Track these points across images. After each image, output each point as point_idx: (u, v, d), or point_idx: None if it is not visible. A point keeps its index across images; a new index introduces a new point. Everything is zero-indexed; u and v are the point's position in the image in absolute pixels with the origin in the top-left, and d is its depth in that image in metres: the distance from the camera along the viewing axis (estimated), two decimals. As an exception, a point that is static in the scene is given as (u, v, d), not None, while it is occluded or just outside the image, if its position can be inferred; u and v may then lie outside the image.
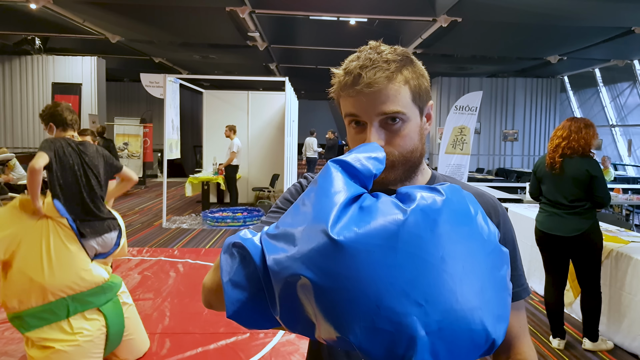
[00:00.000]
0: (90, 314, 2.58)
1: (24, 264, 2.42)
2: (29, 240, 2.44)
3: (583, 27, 7.39)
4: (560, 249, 3.18)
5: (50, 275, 2.44)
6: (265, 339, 3.28)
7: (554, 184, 3.16)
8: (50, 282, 2.44)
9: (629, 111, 11.05)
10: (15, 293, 2.42)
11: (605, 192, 3.01)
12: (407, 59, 0.80)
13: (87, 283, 2.56)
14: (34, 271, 2.42)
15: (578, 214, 3.07)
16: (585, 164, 3.03)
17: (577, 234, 3.05)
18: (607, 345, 3.22)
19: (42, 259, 2.43)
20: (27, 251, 2.43)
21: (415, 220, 0.57)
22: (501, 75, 13.04)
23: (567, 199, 3.10)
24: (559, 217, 3.14)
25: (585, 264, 3.11)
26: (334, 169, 0.64)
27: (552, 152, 3.16)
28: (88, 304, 2.57)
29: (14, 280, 2.42)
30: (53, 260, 2.46)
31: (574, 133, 3.08)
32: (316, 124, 16.72)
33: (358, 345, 0.56)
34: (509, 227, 0.90)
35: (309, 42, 9.47)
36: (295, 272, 0.58)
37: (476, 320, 0.57)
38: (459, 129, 8.41)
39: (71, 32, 8.96)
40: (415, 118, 0.80)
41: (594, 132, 3.10)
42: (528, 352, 0.89)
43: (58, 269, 2.47)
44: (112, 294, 2.72)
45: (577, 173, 3.04)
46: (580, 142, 3.05)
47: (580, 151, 3.06)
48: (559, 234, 3.12)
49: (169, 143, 7.74)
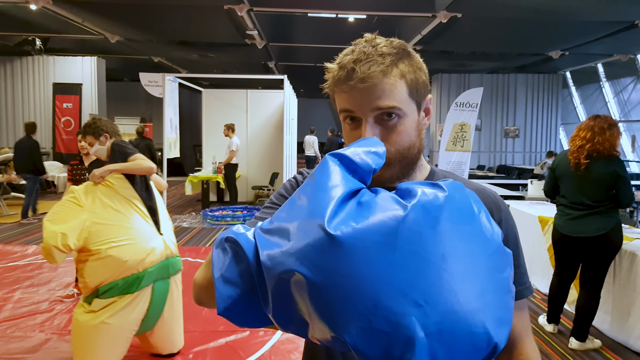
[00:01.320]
0: (147, 290, 2.62)
1: (97, 243, 2.44)
2: (97, 221, 2.46)
3: (585, 22, 7.34)
4: (578, 250, 3.14)
5: (125, 248, 2.49)
6: (264, 337, 3.26)
7: (576, 184, 3.09)
8: (128, 255, 2.48)
9: (633, 106, 10.99)
10: (92, 273, 2.46)
11: (631, 193, 2.96)
12: (403, 51, 0.77)
13: (160, 255, 2.64)
14: (109, 247, 2.45)
15: (601, 213, 3.01)
16: (614, 165, 2.96)
17: (601, 234, 2.99)
18: (594, 345, 3.18)
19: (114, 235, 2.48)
20: (98, 232, 2.45)
21: (415, 216, 0.55)
22: (502, 72, 12.98)
23: (590, 199, 3.03)
24: (582, 219, 3.07)
25: (596, 264, 3.06)
26: (332, 162, 0.62)
27: (577, 153, 3.07)
28: (154, 277, 2.62)
29: (90, 262, 2.45)
30: (125, 235, 2.51)
31: (598, 135, 2.98)
32: (315, 122, 16.70)
33: (353, 346, 0.54)
34: (511, 224, 0.87)
35: (307, 39, 9.44)
36: (289, 268, 0.55)
37: (478, 322, 0.54)
38: (459, 125, 8.37)
39: (71, 33, 8.94)
40: (412, 113, 0.78)
41: (618, 131, 3.02)
42: (531, 353, 0.86)
43: (132, 242, 2.52)
44: (172, 272, 2.77)
45: (604, 175, 2.97)
46: (605, 144, 2.97)
47: (605, 154, 2.98)
48: (583, 235, 3.05)
49: (168, 142, 7.72)
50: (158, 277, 2.66)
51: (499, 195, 0.89)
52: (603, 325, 3.42)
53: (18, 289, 4.19)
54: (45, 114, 11.29)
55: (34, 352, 3.01)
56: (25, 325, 3.42)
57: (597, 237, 3.00)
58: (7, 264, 4.96)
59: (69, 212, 2.43)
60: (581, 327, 3.14)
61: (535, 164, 12.53)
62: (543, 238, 4.13)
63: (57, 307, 3.76)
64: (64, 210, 2.44)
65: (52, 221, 2.40)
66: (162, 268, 2.68)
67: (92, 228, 2.43)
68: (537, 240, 4.18)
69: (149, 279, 2.59)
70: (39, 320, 3.50)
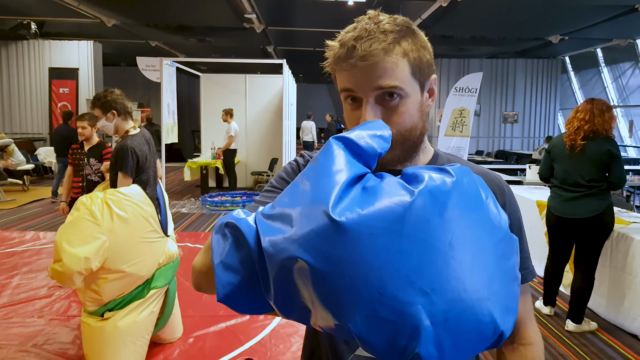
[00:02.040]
0: (161, 292, 2.62)
1: (117, 262, 2.36)
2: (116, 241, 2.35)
3: (585, 6, 7.28)
4: (572, 232, 3.18)
5: (143, 264, 2.46)
6: (265, 321, 3.28)
7: (572, 165, 3.14)
8: (145, 270, 2.47)
9: (631, 92, 10.96)
10: (110, 291, 2.40)
11: (622, 174, 3.02)
12: (407, 29, 0.74)
13: (167, 257, 2.62)
14: (129, 266, 2.40)
15: (594, 195, 3.07)
16: (608, 145, 3.03)
17: (594, 215, 3.04)
18: (590, 327, 3.23)
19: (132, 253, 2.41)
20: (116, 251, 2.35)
21: (423, 202, 0.53)
22: (501, 57, 12.90)
23: (584, 179, 3.08)
24: (576, 200, 3.12)
25: (590, 246, 3.11)
26: (336, 146, 0.60)
27: (574, 134, 3.11)
28: (166, 279, 2.61)
29: (108, 280, 2.38)
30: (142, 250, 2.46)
31: (597, 117, 3.05)
32: (315, 107, 16.63)
33: (358, 335, 0.53)
34: (515, 208, 0.85)
35: (306, 23, 9.34)
36: (292, 255, 0.54)
37: (484, 311, 0.54)
38: (458, 110, 8.34)
39: (67, 17, 8.84)
40: (415, 94, 0.75)
41: (614, 115, 3.12)
42: (534, 337, 0.86)
43: (148, 255, 2.50)
44: (176, 271, 2.77)
45: (599, 154, 3.03)
46: (604, 125, 3.04)
47: (603, 134, 3.05)
48: (576, 216, 3.11)
49: (166, 127, 7.68)
50: (169, 279, 2.66)
51: (503, 179, 0.88)
52: (599, 308, 3.46)
53: (16, 274, 4.20)
54: (41, 99, 11.22)
55: (34, 338, 3.02)
56: (24, 311, 3.44)
57: (590, 218, 3.05)
58: (5, 250, 4.97)
59: (88, 233, 2.26)
60: (577, 309, 3.18)
61: (534, 149, 12.54)
62: (541, 222, 4.14)
63: (56, 293, 3.77)
64: (82, 230, 2.26)
65: (71, 243, 2.21)
66: (171, 269, 2.68)
67: (113, 249, 2.31)
68: (535, 225, 4.20)
69: (159, 280, 2.57)
70: (38, 306, 3.51)
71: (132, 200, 2.42)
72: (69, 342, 2.97)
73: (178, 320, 3.04)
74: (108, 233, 2.30)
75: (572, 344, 3.07)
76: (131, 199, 2.42)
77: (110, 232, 2.30)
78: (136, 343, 2.50)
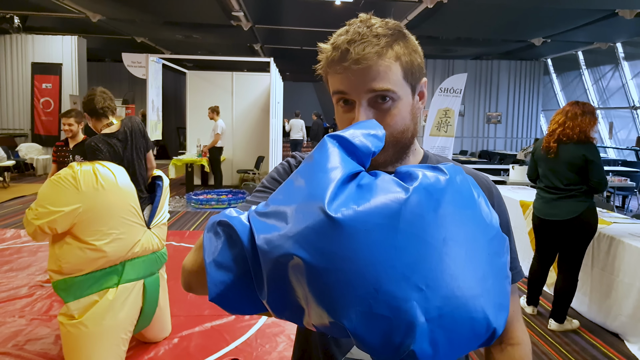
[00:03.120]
0: (136, 287, 2.54)
1: (87, 233, 2.34)
2: (91, 210, 2.34)
3: (567, 9, 7.40)
4: (555, 233, 3.22)
5: (112, 243, 2.39)
6: (250, 321, 3.28)
7: (550, 168, 3.19)
8: (113, 249, 2.40)
9: (611, 94, 11.17)
10: (72, 259, 2.35)
11: (603, 177, 3.02)
12: (399, 33, 0.75)
13: (142, 249, 2.55)
14: (96, 239, 2.35)
15: (573, 196, 3.10)
16: (583, 149, 3.03)
17: (573, 217, 3.07)
18: (573, 325, 3.29)
19: (104, 226, 2.37)
20: (90, 221, 2.34)
21: (418, 199, 0.53)
22: (486, 58, 13.05)
23: (562, 183, 3.12)
24: (555, 202, 3.16)
25: (573, 247, 3.14)
26: (331, 144, 0.60)
27: (549, 137, 3.18)
28: (138, 272, 2.54)
29: (73, 248, 2.34)
30: (115, 228, 2.41)
31: (570, 120, 3.08)
32: (301, 105, 16.61)
33: (353, 332, 0.53)
34: (503, 209, 0.87)
35: (293, 22, 9.33)
36: (288, 252, 0.53)
37: (478, 307, 0.54)
38: (443, 111, 8.42)
39: (51, 11, 8.69)
40: (407, 97, 0.76)
41: (592, 118, 3.08)
42: (522, 337, 0.88)
43: (121, 237, 2.43)
44: (160, 266, 2.70)
45: (572, 158, 3.05)
46: (575, 129, 3.05)
47: (575, 138, 3.05)
48: (556, 218, 3.14)
49: (150, 124, 7.62)
50: (146, 273, 2.59)
51: (491, 181, 0.89)
52: (582, 307, 3.53)
53: (-2, 272, 4.13)
54: (23, 95, 11.01)
55: (14, 338, 2.97)
56: (5, 310, 3.37)
57: (570, 220, 3.09)
58: (-14, 248, 4.88)
59: (66, 195, 2.29)
60: (559, 309, 3.24)
61: (517, 150, 12.70)
62: (524, 222, 4.21)
63: (37, 292, 3.71)
64: (61, 191, 2.29)
65: (47, 198, 2.28)
66: (149, 263, 2.61)
67: (83, 215, 2.31)
68: (518, 224, 4.26)
69: (131, 273, 2.49)
70: (19, 306, 3.45)
71: (116, 179, 2.43)
72: (51, 342, 2.93)
73: (166, 319, 3.00)
74: (86, 200, 2.31)
75: (555, 342, 3.13)
76: (116, 178, 2.43)
77: (88, 199, 2.31)
78: (113, 342, 2.44)
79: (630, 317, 3.04)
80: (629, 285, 3.06)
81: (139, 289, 2.56)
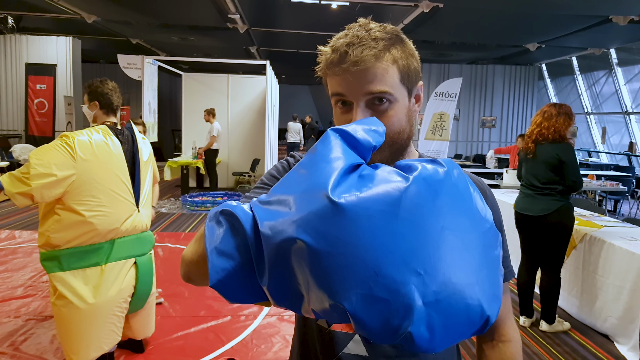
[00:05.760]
0: (126, 266, 2.50)
1: (77, 202, 2.29)
2: (84, 180, 2.30)
3: (562, 15, 7.47)
4: (533, 229, 3.28)
5: (103, 216, 2.36)
6: (246, 321, 3.30)
7: (530, 167, 3.29)
8: (101, 222, 2.36)
9: (604, 99, 11.27)
10: (61, 230, 2.30)
11: (577, 177, 3.08)
12: (396, 37, 0.78)
13: (132, 227, 2.51)
14: (88, 211, 2.31)
15: (548, 194, 3.18)
16: (556, 149, 3.11)
17: (546, 214, 3.14)
18: (564, 327, 3.34)
19: (94, 198, 2.33)
20: (81, 191, 2.30)
21: (417, 188, 0.56)
22: (481, 63, 13.13)
23: (539, 181, 3.21)
24: (531, 198, 3.26)
25: (551, 245, 3.20)
26: (334, 137, 0.62)
27: (527, 137, 3.29)
28: (128, 251, 2.50)
29: (62, 218, 2.30)
30: (105, 201, 2.37)
31: (545, 120, 3.17)
32: (297, 109, 16.61)
33: (353, 314, 0.54)
34: (496, 210, 0.90)
35: (290, 25, 9.36)
36: (291, 236, 0.55)
37: (473, 295, 0.57)
38: (438, 115, 8.48)
39: (45, 11, 8.67)
40: (403, 99, 0.79)
41: (567, 119, 3.14)
42: (512, 334, 0.91)
43: (109, 211, 2.39)
44: (150, 247, 2.67)
45: (548, 158, 3.14)
46: (550, 129, 3.14)
47: (550, 138, 3.13)
48: (530, 213, 3.24)
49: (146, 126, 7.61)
50: (137, 252, 2.56)
51: (485, 183, 0.92)
52: (572, 309, 3.57)
53: (-7, 273, 4.12)
54: (17, 95, 10.96)
55: (10, 338, 2.98)
56: (0, 311, 3.38)
57: (543, 217, 3.16)
58: (-19, 248, 4.87)
59: (59, 160, 2.23)
60: (548, 309, 3.28)
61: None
62: (517, 226, 4.25)
63: (33, 293, 3.72)
64: (55, 156, 2.23)
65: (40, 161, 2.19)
66: (138, 243, 2.57)
67: (75, 183, 2.26)
68: (512, 227, 4.29)
69: (120, 251, 2.46)
70: (14, 306, 3.45)
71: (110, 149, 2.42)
72: (47, 343, 2.93)
73: (154, 315, 2.91)
74: (79, 170, 2.27)
75: (546, 343, 3.17)
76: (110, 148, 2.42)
77: (81, 169, 2.28)
78: (105, 319, 2.42)
79: (620, 319, 3.09)
80: (619, 288, 3.10)
81: (129, 267, 2.52)
